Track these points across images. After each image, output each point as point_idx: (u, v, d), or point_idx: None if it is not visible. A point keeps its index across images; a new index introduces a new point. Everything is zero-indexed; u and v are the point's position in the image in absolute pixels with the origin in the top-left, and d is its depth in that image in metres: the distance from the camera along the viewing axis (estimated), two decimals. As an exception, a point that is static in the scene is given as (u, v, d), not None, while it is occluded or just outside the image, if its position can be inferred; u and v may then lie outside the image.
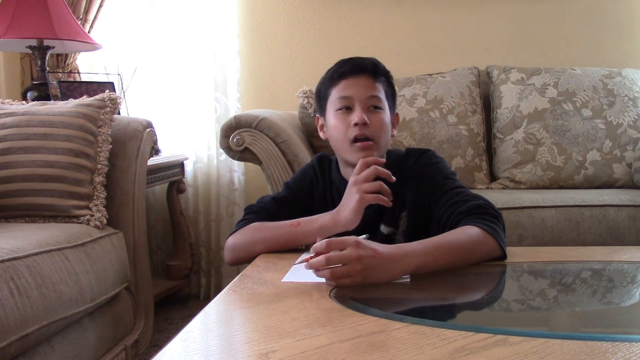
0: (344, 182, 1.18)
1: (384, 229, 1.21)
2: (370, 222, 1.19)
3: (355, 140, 1.16)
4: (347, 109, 1.18)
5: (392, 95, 1.25)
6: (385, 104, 1.21)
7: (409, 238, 1.14)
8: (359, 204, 1.09)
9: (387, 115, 1.21)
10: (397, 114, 1.29)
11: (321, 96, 1.25)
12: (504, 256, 1.04)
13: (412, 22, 2.59)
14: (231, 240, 1.20)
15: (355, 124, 1.15)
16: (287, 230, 1.16)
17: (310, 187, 1.30)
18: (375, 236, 1.19)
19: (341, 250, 0.88)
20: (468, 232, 1.02)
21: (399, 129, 1.25)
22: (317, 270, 0.89)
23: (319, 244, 0.90)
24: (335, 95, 1.20)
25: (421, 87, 2.26)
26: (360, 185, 1.09)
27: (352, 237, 0.91)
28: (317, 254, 0.90)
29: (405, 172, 1.21)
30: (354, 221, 1.11)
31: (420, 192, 1.19)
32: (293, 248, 1.17)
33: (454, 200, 1.12)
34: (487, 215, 1.06)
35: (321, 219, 1.14)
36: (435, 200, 1.16)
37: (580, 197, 1.79)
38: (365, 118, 1.15)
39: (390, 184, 1.12)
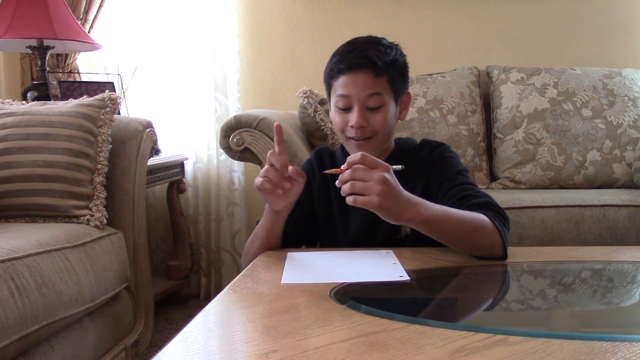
0: None
1: None
2: None
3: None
4: (346, 108, 1.17)
5: (401, 78, 1.19)
6: (389, 98, 1.17)
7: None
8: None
9: (388, 111, 1.17)
10: (408, 93, 1.24)
11: (326, 82, 1.24)
12: (504, 256, 1.04)
13: (412, 22, 2.59)
14: (243, 252, 1.23)
15: (353, 126, 1.15)
16: (265, 215, 1.16)
17: (307, 182, 1.30)
18: (381, 223, 1.19)
19: (372, 168, 0.93)
20: (479, 217, 1.03)
21: (399, 130, 1.23)
22: (341, 181, 0.95)
23: (354, 155, 0.95)
24: (335, 90, 1.18)
25: (421, 87, 2.25)
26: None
27: (386, 163, 0.95)
28: (350, 165, 0.94)
29: (418, 163, 1.21)
30: None
31: (431, 183, 1.18)
32: (280, 228, 1.16)
33: (466, 193, 1.11)
34: (497, 214, 1.06)
35: None
36: (444, 191, 1.14)
37: (580, 197, 1.79)
38: (363, 121, 1.14)
39: (399, 173, 1.10)
